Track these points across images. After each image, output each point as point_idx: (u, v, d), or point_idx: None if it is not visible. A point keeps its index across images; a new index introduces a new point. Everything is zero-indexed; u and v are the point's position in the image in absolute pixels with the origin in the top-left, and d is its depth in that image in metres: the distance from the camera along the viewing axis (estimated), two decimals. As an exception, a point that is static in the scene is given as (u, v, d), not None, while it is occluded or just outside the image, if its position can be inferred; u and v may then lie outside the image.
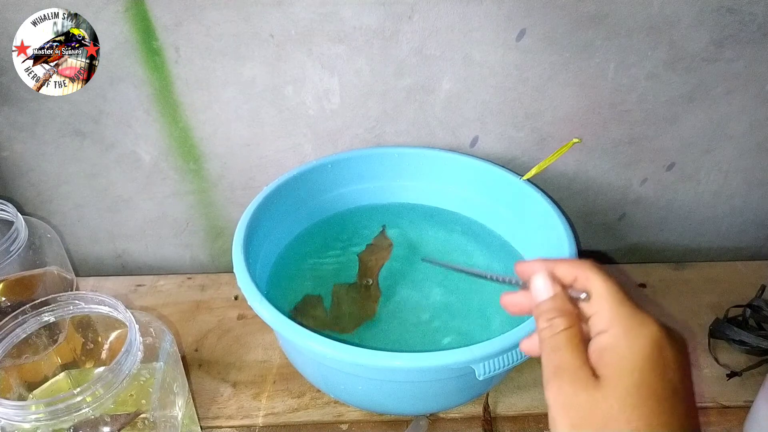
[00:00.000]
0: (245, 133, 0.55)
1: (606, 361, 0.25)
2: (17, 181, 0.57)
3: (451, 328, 0.47)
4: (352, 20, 0.48)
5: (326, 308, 0.48)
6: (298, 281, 0.51)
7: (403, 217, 0.57)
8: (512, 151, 0.56)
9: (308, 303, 0.49)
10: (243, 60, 0.50)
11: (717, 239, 0.64)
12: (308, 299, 0.49)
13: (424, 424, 0.45)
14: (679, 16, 0.48)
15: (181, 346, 0.53)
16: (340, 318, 0.47)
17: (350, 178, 0.56)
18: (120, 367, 0.32)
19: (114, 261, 0.64)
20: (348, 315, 0.48)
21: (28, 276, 0.45)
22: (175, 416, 0.38)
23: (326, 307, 0.49)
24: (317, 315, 0.48)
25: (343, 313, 0.48)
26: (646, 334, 0.25)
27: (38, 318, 0.36)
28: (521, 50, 0.50)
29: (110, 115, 0.53)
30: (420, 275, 0.51)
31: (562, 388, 0.25)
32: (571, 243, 0.45)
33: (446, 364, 0.36)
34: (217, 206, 0.60)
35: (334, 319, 0.47)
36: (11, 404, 0.30)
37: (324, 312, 0.48)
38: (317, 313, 0.48)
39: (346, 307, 0.48)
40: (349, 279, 0.51)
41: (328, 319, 0.48)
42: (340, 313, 0.48)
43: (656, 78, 0.52)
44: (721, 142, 0.56)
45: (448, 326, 0.47)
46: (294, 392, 0.48)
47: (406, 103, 0.53)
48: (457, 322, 0.47)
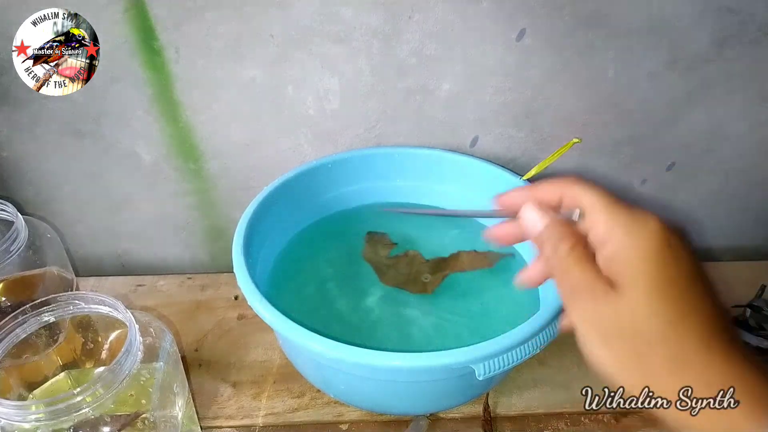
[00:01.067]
0: (245, 133, 0.55)
1: (617, 269, 0.24)
2: (17, 181, 0.57)
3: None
4: (352, 20, 0.48)
5: (390, 254, 0.52)
6: (298, 281, 0.51)
7: (402, 217, 0.57)
8: (512, 151, 0.56)
9: (382, 240, 0.53)
10: (243, 60, 0.50)
11: (717, 239, 0.64)
12: (384, 238, 0.53)
13: (424, 424, 0.45)
14: (679, 16, 0.48)
15: (181, 346, 0.53)
16: (391, 269, 0.51)
17: (350, 178, 0.56)
18: (120, 367, 0.32)
19: (114, 261, 0.64)
20: (399, 273, 0.50)
21: (28, 276, 0.45)
22: (175, 416, 0.38)
23: (390, 254, 0.52)
24: (381, 253, 0.52)
25: (397, 269, 0.51)
26: (648, 232, 0.24)
27: (38, 318, 0.36)
28: (521, 50, 0.50)
29: (110, 115, 0.53)
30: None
31: (583, 305, 0.25)
32: (571, 243, 0.45)
33: (446, 364, 0.36)
34: (217, 206, 0.60)
35: (384, 264, 0.51)
36: (11, 404, 0.30)
37: (386, 254, 0.52)
38: (382, 252, 0.52)
39: (404, 267, 0.51)
40: (349, 278, 0.51)
41: (380, 261, 0.51)
42: (395, 266, 0.51)
43: (656, 78, 0.52)
44: (721, 142, 0.56)
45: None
46: (294, 392, 0.48)
47: (406, 103, 0.53)
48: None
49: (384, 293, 0.49)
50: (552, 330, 0.39)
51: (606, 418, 0.46)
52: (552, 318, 0.39)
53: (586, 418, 0.46)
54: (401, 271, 0.50)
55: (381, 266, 0.51)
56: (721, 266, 0.62)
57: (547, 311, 0.39)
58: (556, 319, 0.40)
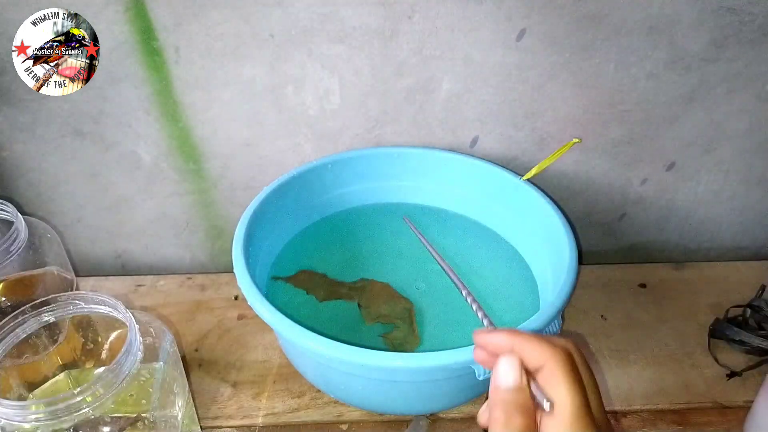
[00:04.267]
0: (245, 133, 0.55)
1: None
2: (17, 181, 0.57)
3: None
4: (352, 20, 0.48)
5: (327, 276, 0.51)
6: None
7: (402, 217, 0.57)
8: (512, 151, 0.56)
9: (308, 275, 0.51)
10: (243, 60, 0.50)
11: (717, 239, 0.64)
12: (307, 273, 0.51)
13: (424, 424, 0.45)
14: (679, 16, 0.48)
15: (181, 346, 0.53)
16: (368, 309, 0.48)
17: (350, 178, 0.56)
18: (120, 367, 0.32)
19: (114, 261, 0.64)
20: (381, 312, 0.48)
21: (28, 276, 0.45)
22: (175, 416, 0.38)
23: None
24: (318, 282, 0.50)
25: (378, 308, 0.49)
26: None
27: (38, 318, 0.36)
28: (521, 50, 0.50)
29: (110, 115, 0.53)
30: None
31: None
32: (571, 243, 0.45)
33: (446, 364, 0.36)
34: (217, 206, 0.60)
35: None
36: (11, 404, 0.30)
37: (324, 279, 0.50)
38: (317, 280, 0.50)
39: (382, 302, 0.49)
40: (349, 278, 0.51)
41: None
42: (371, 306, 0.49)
43: (656, 78, 0.52)
44: (721, 142, 0.56)
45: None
46: (294, 392, 0.48)
47: (406, 103, 0.53)
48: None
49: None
50: (552, 330, 0.40)
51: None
52: (552, 318, 0.39)
53: (586, 418, 0.46)
54: (381, 305, 0.49)
55: (361, 301, 0.49)
56: (721, 266, 0.62)
57: (547, 311, 0.39)
58: (556, 319, 0.40)
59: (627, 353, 0.51)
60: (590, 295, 0.57)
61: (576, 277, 0.43)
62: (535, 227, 0.51)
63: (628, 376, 0.49)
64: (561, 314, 0.41)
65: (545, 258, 0.49)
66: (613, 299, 0.57)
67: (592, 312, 0.56)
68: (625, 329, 0.54)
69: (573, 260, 0.44)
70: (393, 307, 0.48)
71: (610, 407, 0.46)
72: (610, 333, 0.54)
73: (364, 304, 0.48)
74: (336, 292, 0.49)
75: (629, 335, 0.53)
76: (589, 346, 0.52)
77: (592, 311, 0.56)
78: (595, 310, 0.56)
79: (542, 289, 0.49)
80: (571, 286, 0.42)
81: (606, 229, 0.63)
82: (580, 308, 0.56)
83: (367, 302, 0.48)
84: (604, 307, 0.56)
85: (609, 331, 0.54)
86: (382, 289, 0.50)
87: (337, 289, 0.50)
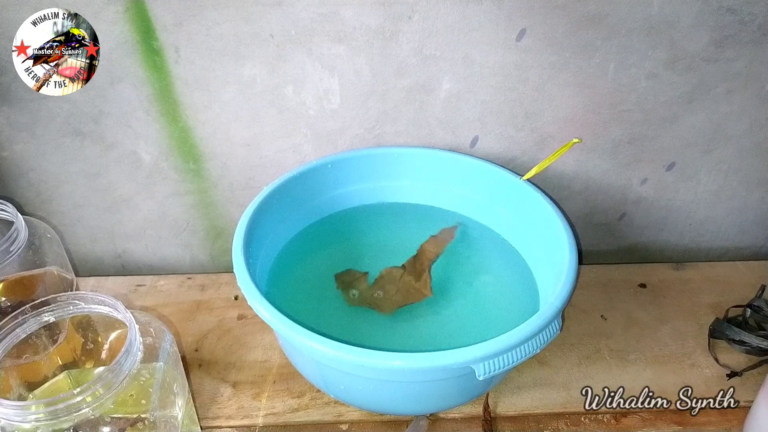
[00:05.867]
0: (245, 133, 0.55)
1: None
2: (17, 181, 0.57)
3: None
4: (352, 20, 0.48)
5: (369, 284, 0.50)
6: (298, 281, 0.51)
7: (403, 217, 0.57)
8: (512, 151, 0.56)
9: (353, 276, 0.50)
10: (243, 60, 0.50)
11: (717, 239, 0.64)
12: (353, 273, 0.51)
13: (424, 424, 0.45)
14: (679, 16, 0.48)
15: (181, 346, 0.53)
16: (383, 297, 0.49)
17: (350, 178, 0.56)
18: (120, 367, 0.32)
19: (114, 261, 0.64)
20: (392, 296, 0.49)
21: (28, 276, 0.45)
22: (175, 416, 0.38)
23: (369, 283, 0.50)
24: (361, 288, 0.49)
25: (388, 293, 0.49)
26: None
27: (38, 318, 0.36)
28: (521, 50, 0.50)
29: (110, 115, 0.53)
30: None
31: None
32: (571, 243, 0.45)
33: (446, 364, 0.36)
34: (217, 206, 0.60)
35: (374, 297, 0.49)
36: (11, 404, 0.30)
37: (367, 286, 0.49)
38: (361, 286, 0.50)
39: (391, 287, 0.49)
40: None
41: (369, 295, 0.49)
42: (384, 292, 0.49)
43: (656, 78, 0.52)
44: (721, 142, 0.56)
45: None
46: (294, 392, 0.48)
47: (406, 103, 0.53)
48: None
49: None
50: (552, 330, 0.40)
51: (606, 418, 0.46)
52: (552, 318, 0.39)
53: (586, 418, 0.46)
54: (392, 292, 0.49)
55: (372, 301, 0.49)
56: (721, 266, 0.62)
57: (547, 311, 0.39)
58: (556, 319, 0.40)
59: (627, 353, 0.51)
60: (590, 295, 0.57)
61: (576, 277, 0.42)
62: (535, 227, 0.51)
63: (628, 376, 0.49)
64: (561, 314, 0.41)
65: (545, 258, 0.49)
66: (613, 299, 0.57)
67: (592, 312, 0.56)
68: (625, 329, 0.54)
69: (573, 260, 0.44)
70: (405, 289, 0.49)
71: (610, 407, 0.46)
72: (610, 333, 0.54)
73: (381, 298, 0.49)
74: (368, 299, 0.49)
75: (629, 335, 0.53)
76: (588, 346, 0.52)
77: (592, 311, 0.56)
78: (595, 310, 0.56)
79: (542, 289, 0.49)
80: (571, 286, 0.42)
81: (606, 229, 0.63)
82: (580, 308, 0.56)
83: (384, 295, 0.49)
84: (604, 307, 0.56)
85: (609, 331, 0.54)
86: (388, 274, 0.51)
87: (368, 295, 0.50)
